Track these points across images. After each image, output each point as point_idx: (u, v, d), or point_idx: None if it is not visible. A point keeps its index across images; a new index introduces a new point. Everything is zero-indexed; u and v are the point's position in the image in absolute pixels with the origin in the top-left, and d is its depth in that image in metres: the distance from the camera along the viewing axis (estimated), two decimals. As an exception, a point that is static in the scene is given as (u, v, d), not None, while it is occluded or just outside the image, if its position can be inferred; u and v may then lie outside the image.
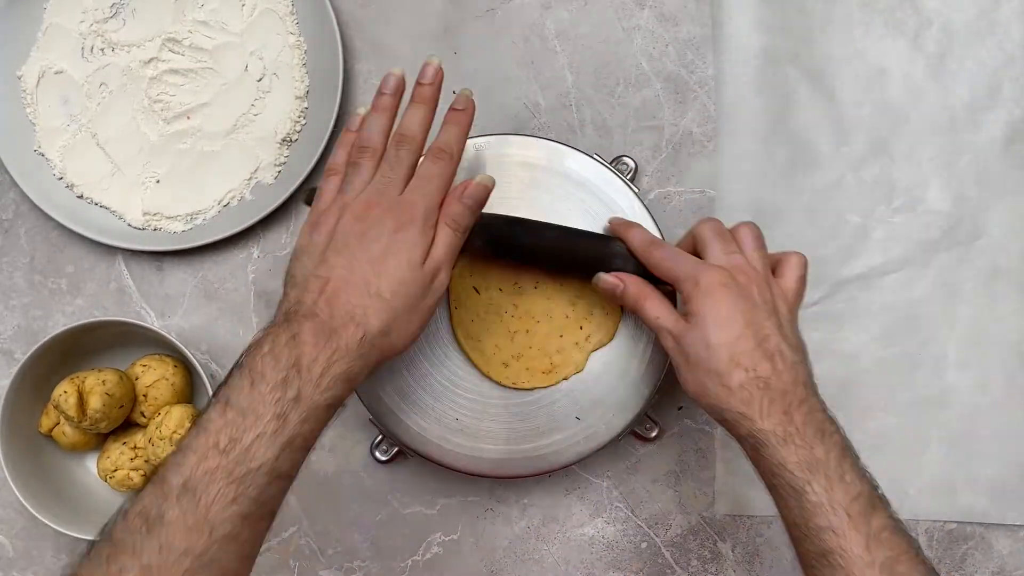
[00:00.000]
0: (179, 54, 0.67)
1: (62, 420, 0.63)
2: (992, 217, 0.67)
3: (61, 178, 0.67)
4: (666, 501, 0.66)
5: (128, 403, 0.63)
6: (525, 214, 0.59)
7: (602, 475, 0.67)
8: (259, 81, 0.67)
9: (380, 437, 0.63)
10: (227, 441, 0.43)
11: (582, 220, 0.60)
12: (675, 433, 0.66)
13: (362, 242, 0.49)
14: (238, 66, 0.67)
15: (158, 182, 0.67)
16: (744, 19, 0.67)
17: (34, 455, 0.64)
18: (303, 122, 0.67)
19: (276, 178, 0.67)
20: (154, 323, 0.67)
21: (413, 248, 0.49)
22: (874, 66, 0.67)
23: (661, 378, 0.60)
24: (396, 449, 0.63)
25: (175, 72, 0.67)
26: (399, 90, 0.54)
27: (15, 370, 0.61)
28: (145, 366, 0.64)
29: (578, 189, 0.61)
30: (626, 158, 0.64)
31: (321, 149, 0.65)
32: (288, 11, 0.67)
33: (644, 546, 0.66)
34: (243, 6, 0.67)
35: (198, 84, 0.67)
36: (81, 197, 0.67)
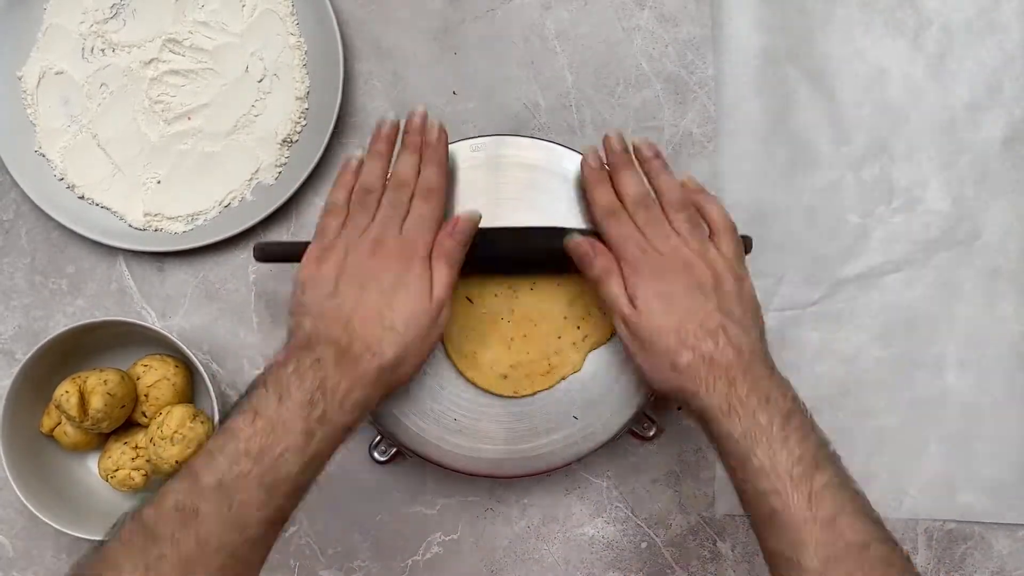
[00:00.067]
0: (179, 55, 0.67)
1: (63, 420, 0.63)
2: (992, 217, 0.67)
3: (62, 179, 0.68)
4: (666, 501, 0.66)
5: (129, 403, 0.63)
6: (523, 215, 0.59)
7: (602, 475, 0.67)
8: (259, 82, 0.67)
9: (378, 438, 0.63)
10: (258, 449, 0.45)
11: (580, 221, 0.60)
12: (675, 433, 0.66)
13: (375, 276, 0.52)
14: (238, 67, 0.67)
15: (159, 183, 0.67)
16: (744, 19, 0.67)
17: (35, 455, 0.64)
18: (304, 123, 0.67)
19: (277, 179, 0.67)
20: (155, 323, 0.67)
21: (420, 282, 0.52)
22: (874, 66, 0.67)
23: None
24: (395, 450, 0.63)
25: (176, 73, 0.67)
26: (393, 136, 0.58)
27: (16, 370, 0.61)
28: (146, 366, 0.64)
29: (576, 190, 0.61)
30: None
31: (321, 150, 0.65)
32: (288, 12, 0.67)
33: (644, 546, 0.67)
34: (243, 7, 0.67)
35: (198, 85, 0.67)
36: (82, 198, 0.68)
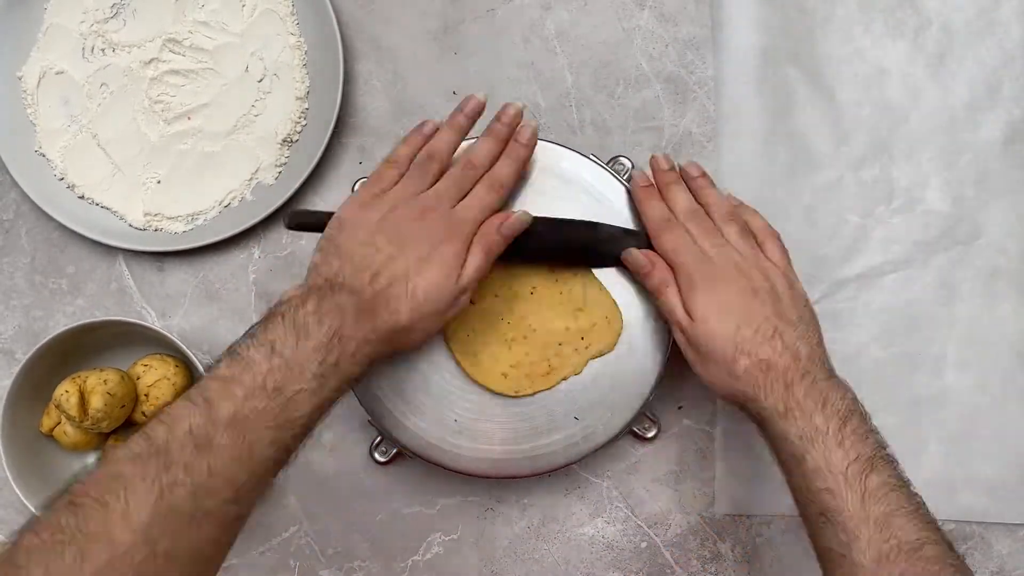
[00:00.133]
0: (180, 55, 0.67)
1: (63, 420, 0.63)
2: (991, 217, 0.67)
3: (62, 179, 0.68)
4: (666, 501, 0.66)
5: (130, 403, 0.63)
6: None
7: (602, 475, 0.67)
8: (260, 82, 0.67)
9: (379, 438, 0.63)
10: (273, 386, 0.45)
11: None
12: (675, 433, 0.67)
13: (414, 240, 0.52)
14: (239, 67, 0.67)
15: (159, 183, 0.67)
16: (744, 19, 0.67)
17: (35, 455, 0.64)
18: (303, 123, 0.67)
19: (277, 179, 0.67)
20: (155, 323, 0.67)
21: (454, 261, 0.53)
22: (874, 66, 0.67)
23: (659, 378, 0.60)
24: (395, 450, 0.63)
25: (176, 73, 0.67)
26: (476, 114, 0.57)
27: (16, 370, 0.62)
28: (147, 366, 0.64)
29: (575, 190, 0.61)
30: (623, 158, 0.64)
31: (321, 150, 0.65)
32: (288, 11, 0.67)
33: (644, 546, 0.67)
34: (243, 7, 0.67)
35: (199, 85, 0.67)
36: (82, 198, 0.68)
